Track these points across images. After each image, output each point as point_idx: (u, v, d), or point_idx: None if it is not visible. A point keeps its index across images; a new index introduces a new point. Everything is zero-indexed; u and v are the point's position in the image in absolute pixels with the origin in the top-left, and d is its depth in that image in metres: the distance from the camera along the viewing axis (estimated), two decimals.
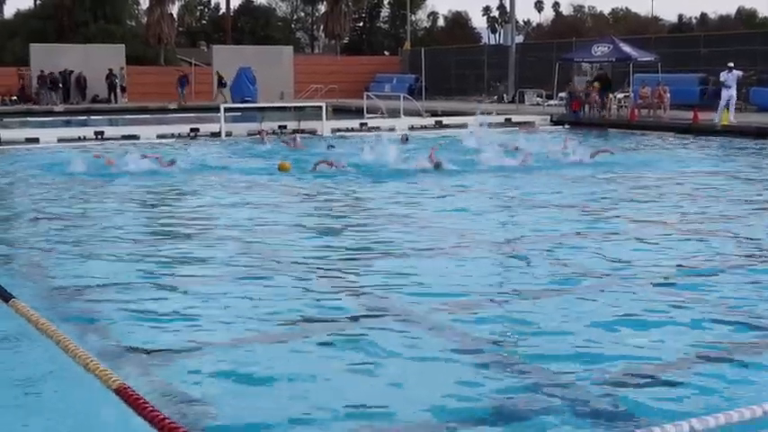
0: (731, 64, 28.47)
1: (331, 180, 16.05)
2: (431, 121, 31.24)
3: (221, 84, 44.97)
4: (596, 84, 33.25)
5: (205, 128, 27.26)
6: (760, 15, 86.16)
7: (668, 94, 32.15)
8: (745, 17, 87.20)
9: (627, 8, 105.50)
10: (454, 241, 10.67)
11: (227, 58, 45.76)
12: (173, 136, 26.41)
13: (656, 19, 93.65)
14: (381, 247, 10.25)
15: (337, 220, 12.32)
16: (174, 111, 40.85)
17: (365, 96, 35.50)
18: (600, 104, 33.00)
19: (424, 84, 45.30)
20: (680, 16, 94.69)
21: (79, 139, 25.41)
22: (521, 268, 9.24)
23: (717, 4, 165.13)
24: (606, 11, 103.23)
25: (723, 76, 28.26)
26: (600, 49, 35.48)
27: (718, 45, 41.58)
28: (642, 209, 13.16)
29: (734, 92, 28.13)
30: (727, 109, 28.19)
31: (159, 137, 26.07)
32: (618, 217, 12.45)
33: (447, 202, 13.96)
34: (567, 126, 31.00)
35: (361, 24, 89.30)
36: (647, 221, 12.08)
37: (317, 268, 9.09)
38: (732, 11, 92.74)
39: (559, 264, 9.29)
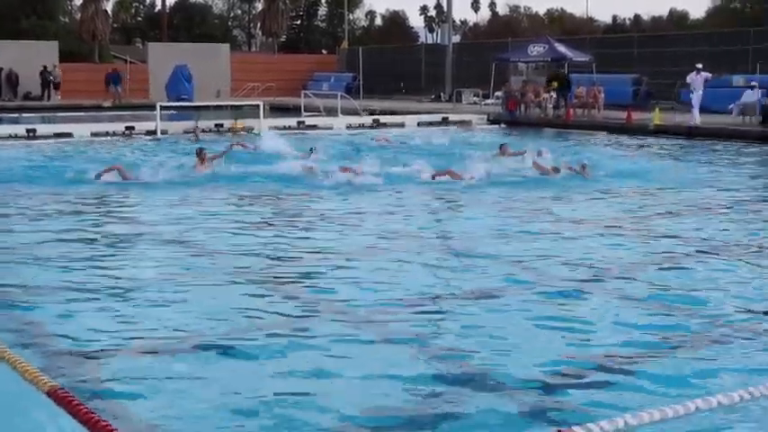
0: (699, 65, 28.51)
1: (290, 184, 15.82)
2: (368, 119, 31.28)
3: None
4: (554, 83, 33.47)
5: (140, 126, 26.95)
6: (691, 17, 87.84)
7: (602, 94, 32.61)
8: (677, 19, 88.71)
9: (562, 9, 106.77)
10: (393, 243, 10.71)
11: (163, 56, 45.29)
12: (107, 134, 26.07)
13: (590, 20, 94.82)
14: (319, 250, 10.23)
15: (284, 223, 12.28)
16: (109, 109, 40.36)
17: (303, 95, 35.41)
18: (555, 104, 33.25)
19: (361, 82, 45.35)
20: (614, 17, 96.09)
21: (10, 136, 24.92)
22: (458, 269, 9.28)
23: (650, 6, 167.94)
24: (542, 11, 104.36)
25: (690, 77, 28.27)
26: (536, 49, 35.86)
27: (651, 46, 42.28)
28: (577, 209, 13.31)
29: (700, 93, 27.92)
30: (658, 109, 28.65)
31: (94, 135, 25.70)
32: (548, 216, 12.58)
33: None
34: (503, 125, 31.26)
35: (298, 23, 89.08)
36: (580, 221, 12.23)
37: (256, 271, 9.05)
38: (664, 12, 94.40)
39: (496, 263, 9.37)
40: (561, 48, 35.39)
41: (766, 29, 43.09)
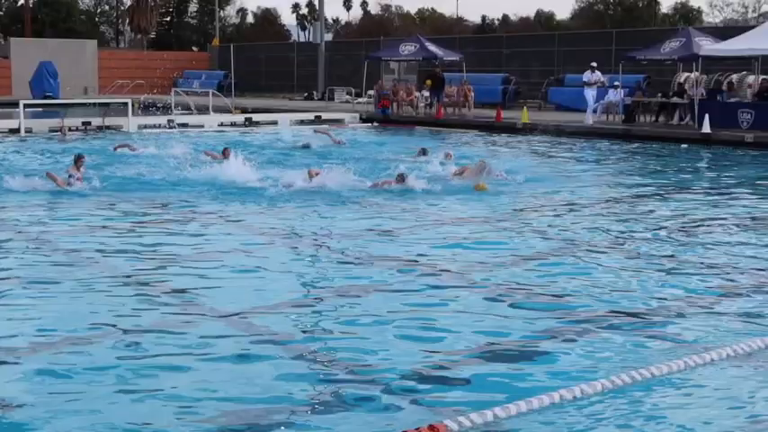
0: (594, 64, 29.03)
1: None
2: (240, 118, 31.02)
3: None
4: (428, 81, 33.81)
5: (3, 124, 26.02)
6: (557, 18, 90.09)
7: (473, 93, 33.22)
8: (544, 19, 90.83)
9: (433, 8, 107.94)
10: (263, 242, 10.68)
11: (27, 52, 43.90)
12: None
13: (460, 19, 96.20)
14: (185, 248, 10.12)
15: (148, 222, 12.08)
16: None
17: (173, 93, 34.88)
18: (429, 103, 33.58)
19: (233, 80, 44.95)
20: (483, 17, 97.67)
21: None
22: (324, 266, 9.32)
23: (517, 7, 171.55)
24: (413, 11, 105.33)
25: (586, 76, 28.73)
26: (407, 48, 36.17)
27: (519, 46, 43.26)
28: (442, 204, 13.47)
29: (595, 92, 28.45)
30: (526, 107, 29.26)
31: None
32: (418, 213, 12.73)
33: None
34: (375, 124, 31.45)
35: (168, 19, 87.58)
36: (453, 220, 12.42)
37: (125, 270, 8.90)
38: (531, 13, 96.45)
39: (360, 260, 9.44)
40: (432, 47, 35.80)
41: (628, 30, 44.61)
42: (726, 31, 34.93)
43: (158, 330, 6.85)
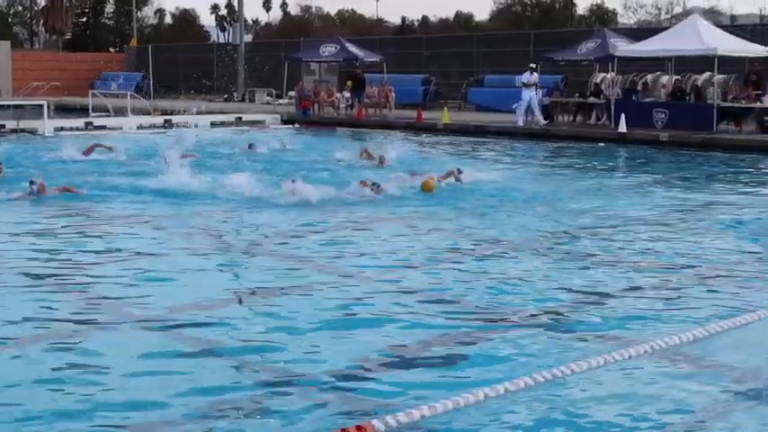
0: (533, 65, 29.22)
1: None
2: (160, 119, 30.69)
3: None
4: (349, 82, 33.88)
5: None
6: (476, 19, 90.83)
7: (393, 94, 33.41)
8: (463, 21, 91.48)
9: (353, 9, 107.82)
10: (187, 244, 10.61)
11: None
12: None
13: (380, 21, 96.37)
14: (110, 251, 10.00)
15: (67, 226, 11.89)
16: None
17: (91, 94, 34.36)
18: (350, 104, 33.63)
19: (152, 82, 44.44)
20: (403, 18, 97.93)
21: None
22: (251, 269, 9.30)
23: (437, 8, 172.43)
24: (333, 12, 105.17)
25: (525, 77, 28.81)
26: (327, 49, 36.23)
27: (439, 47, 43.59)
28: (372, 207, 13.51)
29: (533, 93, 28.53)
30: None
31: None
32: (347, 213, 12.76)
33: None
34: (297, 125, 31.38)
35: (84, 20, 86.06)
36: (376, 219, 12.47)
37: (47, 274, 8.76)
38: (451, 14, 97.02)
39: (289, 260, 9.44)
40: (352, 48, 35.90)
41: (545, 31, 45.26)
42: (640, 32, 35.72)
43: (69, 337, 6.74)
